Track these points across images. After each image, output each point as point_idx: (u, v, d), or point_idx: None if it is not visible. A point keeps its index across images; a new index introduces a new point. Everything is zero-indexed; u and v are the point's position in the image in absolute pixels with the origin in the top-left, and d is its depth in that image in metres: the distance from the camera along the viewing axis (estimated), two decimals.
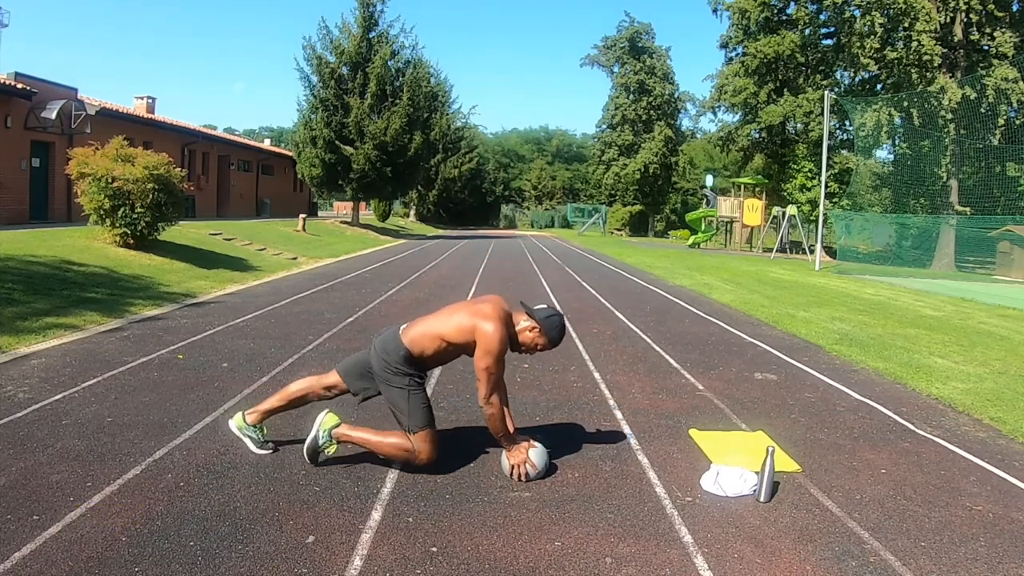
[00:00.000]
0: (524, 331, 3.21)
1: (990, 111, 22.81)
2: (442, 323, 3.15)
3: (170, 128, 23.44)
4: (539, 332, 3.19)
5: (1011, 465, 3.64)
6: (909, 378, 5.61)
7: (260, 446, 3.31)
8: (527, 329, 3.20)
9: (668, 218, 51.00)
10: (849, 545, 2.65)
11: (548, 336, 3.21)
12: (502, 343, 3.04)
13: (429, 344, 3.11)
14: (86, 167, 10.48)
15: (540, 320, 3.19)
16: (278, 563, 2.33)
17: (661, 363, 5.88)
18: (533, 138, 71.71)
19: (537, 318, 3.20)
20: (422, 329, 3.16)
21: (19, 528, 2.47)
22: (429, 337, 3.12)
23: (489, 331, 3.02)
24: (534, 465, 3.12)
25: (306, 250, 17.04)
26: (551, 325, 3.21)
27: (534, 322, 3.19)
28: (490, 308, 3.12)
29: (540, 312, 3.23)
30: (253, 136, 56.23)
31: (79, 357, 5.10)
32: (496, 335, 3.03)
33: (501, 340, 3.04)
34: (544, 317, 3.21)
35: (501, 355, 3.06)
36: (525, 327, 3.20)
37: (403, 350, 3.09)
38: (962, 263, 24.51)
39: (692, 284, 13.08)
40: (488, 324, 3.03)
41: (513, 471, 3.11)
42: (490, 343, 3.02)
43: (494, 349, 3.02)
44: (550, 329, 3.20)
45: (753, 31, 31.44)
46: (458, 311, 3.19)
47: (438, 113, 39.05)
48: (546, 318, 3.21)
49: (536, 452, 3.16)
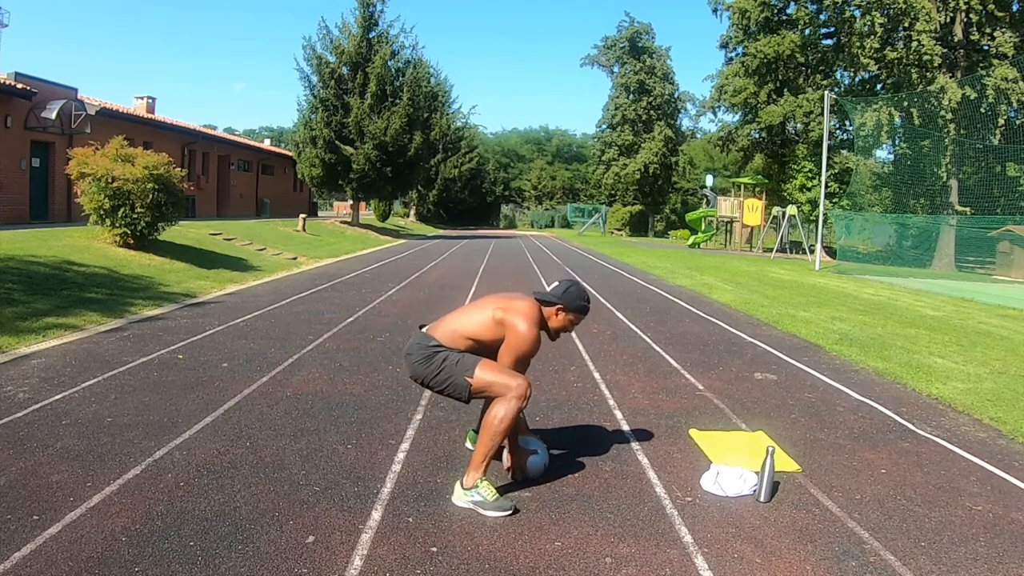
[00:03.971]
0: (551, 317, 3.09)
1: (990, 111, 22.80)
2: (471, 320, 3.00)
3: (170, 128, 23.44)
4: (565, 310, 3.09)
5: (1011, 465, 3.64)
6: (909, 378, 5.61)
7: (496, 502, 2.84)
8: (553, 314, 3.09)
9: (668, 218, 51.00)
10: (849, 545, 2.65)
11: (575, 309, 3.11)
12: (532, 345, 2.94)
13: (461, 343, 2.97)
14: (86, 167, 10.48)
15: (560, 299, 3.09)
16: (278, 563, 2.33)
17: (661, 363, 5.88)
18: (533, 138, 71.71)
19: (557, 299, 3.09)
20: (452, 326, 3.01)
21: (19, 528, 2.47)
22: (460, 337, 2.97)
23: (522, 330, 2.91)
24: (523, 473, 3.12)
25: (306, 250, 17.04)
26: (572, 298, 3.11)
27: (557, 305, 3.09)
28: (526, 306, 2.99)
29: (556, 291, 3.12)
30: (253, 136, 56.23)
31: (79, 357, 5.10)
32: (528, 335, 2.91)
33: (532, 341, 2.93)
34: (562, 294, 3.10)
35: (527, 355, 2.96)
36: (551, 312, 3.09)
37: (433, 341, 2.96)
38: (962, 263, 24.49)
39: (692, 284, 13.08)
40: (522, 322, 2.92)
41: (509, 472, 3.14)
42: (520, 342, 2.91)
43: (523, 349, 2.92)
44: (573, 302, 3.10)
45: (753, 31, 31.43)
46: (488, 305, 3.04)
47: (438, 113, 39.04)
48: (564, 293, 3.10)
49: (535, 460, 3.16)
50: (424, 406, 4.25)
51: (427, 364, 2.93)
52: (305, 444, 3.49)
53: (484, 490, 2.81)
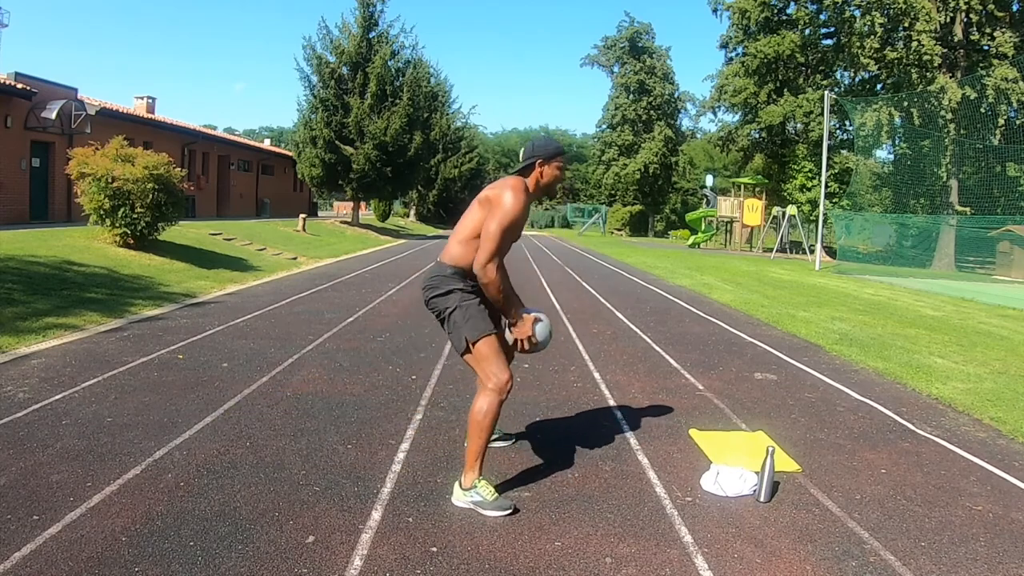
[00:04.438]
0: (536, 178, 3.03)
1: (990, 111, 22.81)
2: (467, 224, 2.95)
3: (170, 128, 23.43)
4: (545, 162, 3.02)
5: (1011, 465, 3.64)
6: (909, 378, 5.61)
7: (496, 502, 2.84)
8: (537, 174, 3.03)
9: (668, 218, 51.02)
10: (849, 545, 2.65)
11: (551, 154, 3.01)
12: (516, 208, 2.86)
13: (470, 248, 2.91)
14: (86, 167, 10.48)
15: (532, 156, 3.02)
16: (278, 563, 2.33)
17: (661, 363, 5.88)
18: (533, 138, 71.68)
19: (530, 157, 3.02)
20: (455, 240, 2.96)
21: (19, 528, 2.47)
22: (465, 243, 2.92)
23: (506, 197, 2.86)
24: (536, 340, 3.02)
25: (306, 250, 17.04)
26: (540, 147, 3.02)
27: (533, 162, 3.01)
28: (510, 180, 2.95)
29: (525, 156, 3.06)
30: (253, 136, 56.25)
31: (79, 357, 5.10)
32: (513, 200, 2.85)
33: (516, 204, 2.85)
34: (531, 152, 3.03)
35: (511, 223, 2.87)
36: (534, 175, 3.03)
37: (449, 269, 2.94)
38: (962, 263, 24.50)
39: (692, 284, 13.08)
40: (507, 192, 2.88)
41: (516, 344, 3.04)
42: (505, 206, 2.84)
43: (506, 213, 2.84)
44: (544, 150, 3.02)
45: (753, 31, 31.46)
46: (474, 204, 2.99)
47: (438, 113, 39.07)
48: (532, 150, 3.04)
49: (541, 326, 3.04)
50: (424, 406, 4.26)
51: (444, 300, 2.93)
52: (305, 444, 3.49)
53: (483, 490, 2.82)
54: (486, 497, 2.81)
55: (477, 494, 2.82)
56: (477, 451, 2.87)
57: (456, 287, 2.93)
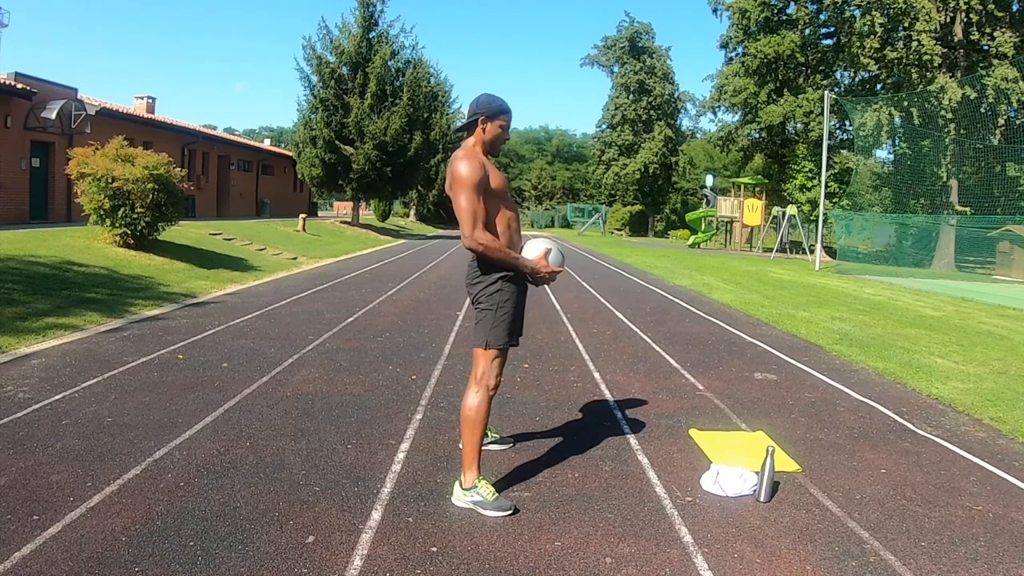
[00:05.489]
0: (480, 136, 3.04)
1: (990, 111, 22.79)
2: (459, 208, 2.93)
3: (170, 128, 23.43)
4: (488, 119, 3.04)
5: (1011, 465, 3.64)
6: (909, 378, 5.61)
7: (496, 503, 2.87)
8: (480, 132, 3.04)
9: (668, 218, 51.01)
10: (849, 545, 2.65)
11: (494, 111, 3.04)
12: (472, 172, 2.85)
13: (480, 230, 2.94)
14: (86, 167, 10.48)
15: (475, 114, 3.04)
16: (278, 563, 2.33)
17: (661, 363, 5.88)
18: (533, 138, 71.79)
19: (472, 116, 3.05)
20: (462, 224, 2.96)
21: (19, 528, 2.47)
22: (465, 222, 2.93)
23: (460, 168, 2.87)
24: (554, 272, 3.05)
25: (306, 250, 17.04)
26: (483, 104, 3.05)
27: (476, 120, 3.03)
28: (458, 152, 2.98)
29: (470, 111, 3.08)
30: (253, 136, 56.24)
31: (79, 357, 5.10)
32: (465, 167, 2.86)
33: (471, 169, 2.86)
34: (474, 110, 3.06)
35: (475, 187, 2.86)
36: (478, 133, 3.05)
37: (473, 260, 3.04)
38: (962, 263, 24.49)
39: (692, 284, 13.08)
40: (457, 165, 2.90)
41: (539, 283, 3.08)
42: (460, 177, 2.85)
43: (464, 180, 2.84)
44: (487, 107, 3.04)
45: (753, 31, 31.47)
46: None
47: (438, 113, 38.99)
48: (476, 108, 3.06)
49: (552, 256, 3.06)
50: (424, 406, 4.26)
51: (480, 288, 3.01)
52: (305, 444, 3.49)
53: (483, 490, 2.82)
54: (486, 497, 2.81)
55: (477, 494, 2.82)
56: (473, 448, 2.89)
57: (496, 275, 2.97)
